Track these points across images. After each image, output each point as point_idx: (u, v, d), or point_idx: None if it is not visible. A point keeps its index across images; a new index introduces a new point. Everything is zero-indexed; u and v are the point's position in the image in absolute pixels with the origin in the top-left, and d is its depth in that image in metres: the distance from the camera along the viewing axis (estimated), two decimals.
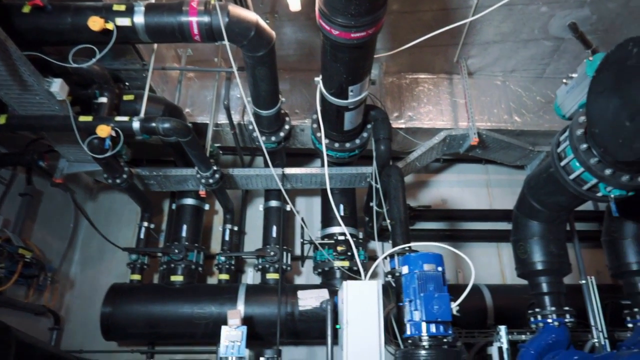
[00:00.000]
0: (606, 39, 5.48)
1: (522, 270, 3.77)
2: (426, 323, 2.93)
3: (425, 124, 5.72)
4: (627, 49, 2.42)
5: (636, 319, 3.63)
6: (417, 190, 6.76)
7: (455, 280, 6.18)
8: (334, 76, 3.89)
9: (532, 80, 6.10)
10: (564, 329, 3.46)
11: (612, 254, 3.85)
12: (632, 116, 2.37)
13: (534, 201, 3.54)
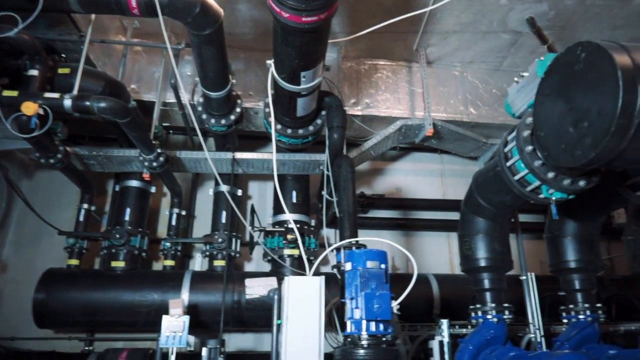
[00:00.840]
0: (562, 36, 5.52)
1: (466, 266, 3.80)
2: (366, 321, 2.88)
3: (382, 112, 5.64)
4: (575, 53, 2.38)
5: (571, 315, 3.75)
6: (373, 177, 6.72)
7: (406, 269, 6.23)
8: (286, 61, 3.70)
9: (489, 73, 6.11)
10: (502, 325, 3.53)
11: (553, 250, 3.94)
12: (575, 122, 2.34)
13: (480, 198, 3.54)
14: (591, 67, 2.25)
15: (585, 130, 2.27)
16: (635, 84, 2.07)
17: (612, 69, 2.10)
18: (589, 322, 3.66)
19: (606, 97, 2.13)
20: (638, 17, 5.21)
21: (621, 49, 2.17)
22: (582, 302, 3.75)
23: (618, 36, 5.52)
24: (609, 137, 2.12)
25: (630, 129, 2.09)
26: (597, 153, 2.21)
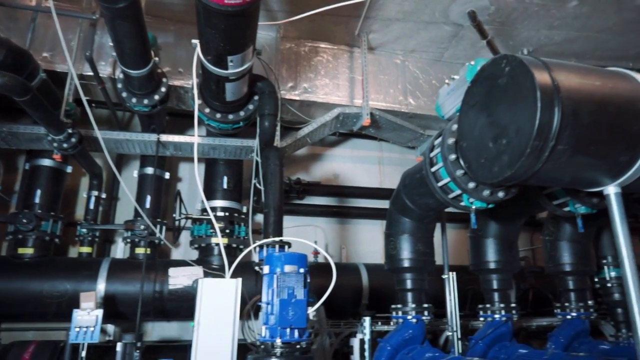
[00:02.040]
0: (502, 32, 5.54)
1: (390, 265, 3.78)
2: (280, 329, 2.78)
3: (320, 97, 5.46)
4: (500, 65, 2.29)
5: (487, 314, 3.86)
6: (311, 163, 6.58)
7: (339, 257, 6.23)
8: (210, 43, 3.42)
9: (430, 63, 6.06)
10: (421, 325, 3.56)
11: (474, 250, 4.00)
12: (495, 138, 2.28)
13: (407, 199, 3.49)
14: (513, 83, 2.18)
15: (504, 148, 2.21)
16: (553, 105, 2.01)
17: (532, 87, 2.04)
18: (503, 321, 3.78)
19: (525, 115, 2.07)
20: (573, 19, 5.29)
21: (543, 66, 2.11)
22: (498, 302, 3.86)
23: (554, 35, 5.62)
24: (524, 158, 2.07)
25: (545, 151, 2.05)
26: (513, 173, 2.17)
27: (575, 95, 2.07)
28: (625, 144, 2.15)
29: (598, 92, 2.13)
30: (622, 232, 2.29)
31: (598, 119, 2.09)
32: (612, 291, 4.29)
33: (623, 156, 2.18)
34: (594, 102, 2.09)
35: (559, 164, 2.13)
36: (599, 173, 2.28)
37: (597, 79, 2.19)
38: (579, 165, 2.20)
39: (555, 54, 6.00)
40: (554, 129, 2.01)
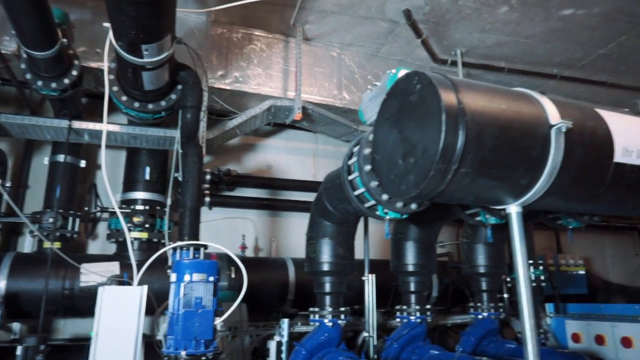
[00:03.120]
0: (436, 32, 5.58)
1: (310, 268, 3.74)
2: (185, 341, 2.66)
3: (252, 88, 5.26)
4: (412, 82, 2.25)
5: (403, 315, 3.94)
6: (243, 153, 6.39)
7: (269, 250, 6.14)
8: (121, 29, 3.15)
9: (366, 58, 6.02)
10: (337, 328, 3.57)
11: (395, 252, 4.06)
12: (405, 155, 2.25)
13: (327, 203, 3.45)
14: (423, 101, 2.15)
15: (411, 167, 2.19)
16: (457, 128, 2.00)
17: (438, 108, 2.01)
18: (418, 322, 3.88)
19: (431, 136, 2.05)
20: (503, 24, 5.42)
21: (451, 87, 2.09)
22: (414, 304, 3.95)
23: (486, 38, 5.74)
24: (427, 180, 2.05)
25: (448, 173, 2.04)
26: (418, 193, 2.15)
27: (480, 118, 2.07)
28: (526, 167, 2.19)
29: (502, 115, 2.14)
30: (519, 248, 2.36)
31: (501, 143, 2.10)
32: None
33: (523, 179, 2.23)
34: (497, 126, 2.10)
35: (462, 185, 2.14)
36: (501, 194, 2.32)
37: (503, 102, 2.20)
38: (481, 187, 2.23)
39: (487, 57, 6.16)
40: (458, 152, 2.00)
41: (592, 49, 6.01)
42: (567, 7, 5.12)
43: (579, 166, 2.31)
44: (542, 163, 2.21)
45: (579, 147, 2.29)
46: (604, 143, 2.39)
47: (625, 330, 4.01)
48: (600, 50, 6.06)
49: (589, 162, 2.35)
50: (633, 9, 5.17)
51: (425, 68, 6.28)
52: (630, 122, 2.56)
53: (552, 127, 2.21)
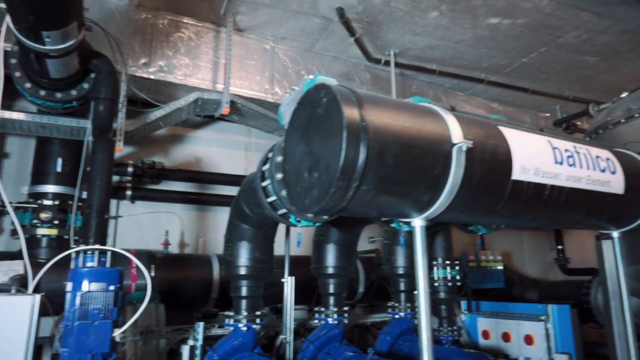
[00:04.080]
0: (370, 31, 5.59)
1: (227, 272, 3.66)
2: (80, 354, 2.50)
3: (178, 78, 5.02)
4: (319, 94, 2.21)
5: (321, 317, 3.97)
6: (171, 145, 6.13)
7: (195, 246, 5.97)
8: (17, 13, 2.86)
9: (301, 52, 5.93)
10: (252, 333, 3.52)
11: (316, 253, 4.06)
12: (310, 169, 2.22)
13: (245, 206, 3.36)
14: (328, 116, 2.11)
15: (315, 181, 2.15)
16: (359, 146, 1.98)
17: (340, 125, 1.98)
18: (335, 324, 3.92)
19: (333, 152, 2.01)
20: (434, 28, 5.52)
21: (355, 103, 2.06)
22: (332, 305, 3.98)
23: (417, 41, 5.83)
24: (328, 197, 2.03)
25: (349, 190, 2.02)
26: (320, 208, 2.13)
27: (383, 136, 2.06)
28: (427, 185, 2.22)
29: (405, 133, 2.14)
30: (421, 261, 2.42)
31: (402, 161, 2.11)
32: (439, 290, 4.69)
33: (425, 196, 2.26)
34: (400, 144, 2.10)
35: (364, 202, 2.13)
36: (404, 209, 2.35)
37: (408, 119, 2.21)
38: (384, 203, 2.24)
39: (419, 58, 6.27)
40: (358, 170, 1.99)
41: (516, 57, 6.29)
42: (493, 16, 5.30)
43: (478, 183, 2.37)
44: (443, 180, 2.25)
45: (479, 165, 2.36)
46: (503, 161, 2.47)
47: (528, 328, 4.28)
48: (523, 59, 6.36)
49: (488, 180, 2.42)
50: (553, 22, 5.45)
51: (359, 66, 6.32)
52: (529, 141, 2.67)
53: (454, 146, 2.25)
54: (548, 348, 4.14)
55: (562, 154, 2.77)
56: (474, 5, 5.05)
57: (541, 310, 4.30)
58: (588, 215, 3.06)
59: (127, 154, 5.62)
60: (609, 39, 5.86)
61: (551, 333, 4.15)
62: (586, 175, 2.86)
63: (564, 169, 2.74)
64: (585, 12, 5.26)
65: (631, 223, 3.39)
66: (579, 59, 6.38)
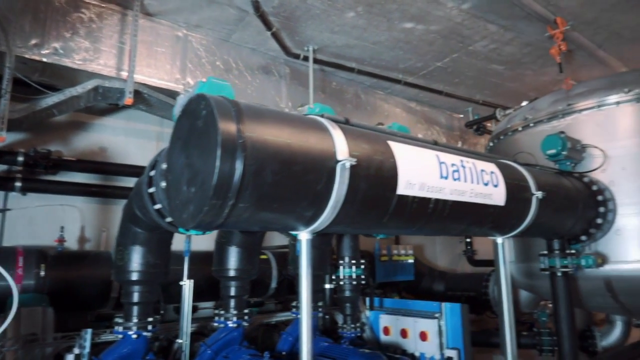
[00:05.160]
0: (288, 26, 5.51)
1: (117, 277, 3.47)
2: None
3: (75, 63, 4.64)
4: (200, 105, 2.11)
5: (221, 320, 3.91)
6: (71, 132, 5.68)
7: (98, 241, 5.63)
8: None
9: (216, 43, 5.72)
10: (143, 340, 3.38)
11: (218, 256, 3.98)
12: (189, 183, 2.12)
13: (136, 208, 3.19)
14: (206, 129, 2.02)
15: (192, 196, 2.06)
16: (234, 164, 1.92)
17: (215, 141, 1.91)
18: (234, 327, 3.88)
19: (209, 169, 1.93)
20: (351, 28, 5.56)
21: (234, 118, 1.98)
22: (233, 308, 3.93)
23: (336, 39, 5.84)
24: (202, 214, 1.95)
25: (224, 208, 1.96)
26: (196, 224, 2.05)
27: (262, 153, 2.01)
28: (309, 201, 2.21)
29: (286, 149, 2.11)
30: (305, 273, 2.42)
31: (282, 178, 2.08)
32: (344, 288, 4.80)
33: (307, 212, 2.26)
34: (280, 161, 2.07)
35: (243, 218, 2.08)
36: (288, 223, 2.33)
37: (291, 134, 2.17)
38: (265, 219, 2.20)
39: (338, 56, 6.30)
40: (234, 189, 1.93)
41: (430, 61, 6.52)
42: (407, 21, 5.42)
43: (363, 198, 2.41)
44: (326, 196, 2.25)
45: (363, 181, 2.39)
46: (389, 177, 2.52)
47: (423, 325, 4.52)
48: (437, 63, 6.61)
49: (373, 195, 2.47)
50: (463, 31, 5.69)
51: (279, 59, 6.23)
52: (417, 156, 2.75)
53: (338, 163, 2.26)
54: (440, 344, 4.40)
55: (448, 169, 2.89)
56: (388, 9, 5.13)
57: (436, 308, 4.55)
58: (471, 225, 3.24)
59: (18, 140, 5.13)
60: (513, 50, 6.24)
61: (444, 330, 4.41)
62: (470, 189, 3.02)
63: (449, 184, 2.87)
64: (492, 24, 5.55)
65: (513, 230, 3.65)
66: (487, 67, 6.75)
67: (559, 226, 4.11)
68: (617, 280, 4.51)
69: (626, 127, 4.70)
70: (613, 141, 4.71)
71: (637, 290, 4.52)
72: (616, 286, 4.55)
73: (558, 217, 4.00)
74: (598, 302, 4.97)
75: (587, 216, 4.33)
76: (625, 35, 5.89)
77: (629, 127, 4.68)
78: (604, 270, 4.45)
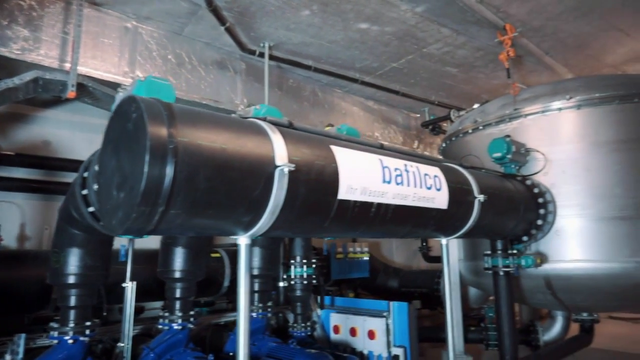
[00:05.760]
0: (242, 22, 5.42)
1: (53, 280, 3.33)
2: None
3: (13, 52, 4.38)
4: (131, 107, 2.03)
5: (165, 323, 3.81)
6: (12, 125, 5.39)
7: (39, 239, 5.38)
8: None
9: (169, 36, 5.55)
10: (80, 345, 3.26)
11: (163, 256, 3.88)
12: (119, 187, 2.04)
13: (72, 208, 3.05)
14: (136, 133, 1.94)
15: (121, 202, 1.99)
16: (164, 170, 1.86)
17: (143, 147, 1.84)
18: (179, 329, 3.80)
19: (138, 174, 1.87)
20: (307, 26, 5.53)
21: (165, 122, 1.92)
22: (178, 310, 3.85)
23: (292, 37, 5.79)
24: (130, 222, 1.89)
25: (154, 215, 1.90)
26: (125, 230, 1.97)
27: (195, 159, 1.96)
28: (246, 207, 2.18)
29: (222, 155, 2.06)
30: (244, 278, 2.39)
31: (217, 184, 2.04)
32: (295, 287, 4.80)
33: (244, 217, 2.22)
34: (214, 167, 2.02)
35: (175, 224, 2.03)
36: (226, 229, 2.29)
37: (228, 139, 2.13)
38: (200, 225, 2.16)
39: (295, 53, 6.26)
40: (164, 195, 1.87)
41: (386, 61, 6.59)
42: (362, 21, 5.44)
43: (302, 204, 2.40)
44: (263, 202, 2.23)
45: (303, 186, 2.38)
46: (330, 181, 2.52)
47: (371, 324, 4.59)
48: (393, 64, 6.68)
49: (313, 200, 2.46)
50: (417, 34, 5.77)
51: (234, 55, 6.12)
52: (360, 161, 2.77)
53: (277, 168, 2.24)
54: (387, 342, 4.49)
55: (391, 173, 2.93)
56: (343, 9, 5.13)
57: (384, 307, 4.63)
58: (415, 228, 3.30)
59: None
60: (466, 53, 6.39)
61: (391, 328, 4.49)
62: (412, 193, 3.06)
63: (392, 188, 2.90)
64: (445, 28, 5.66)
65: (456, 232, 3.74)
66: (442, 69, 6.89)
67: (501, 227, 4.26)
68: (556, 278, 4.73)
69: (567, 132, 4.91)
70: (555, 145, 4.91)
71: (574, 287, 4.75)
72: (555, 284, 4.77)
73: (500, 219, 4.14)
74: (539, 299, 5.20)
75: (529, 218, 4.51)
76: (570, 43, 6.15)
77: (570, 133, 4.90)
78: (544, 269, 4.66)
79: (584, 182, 4.70)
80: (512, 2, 5.12)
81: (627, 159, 4.60)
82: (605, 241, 4.56)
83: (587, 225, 4.61)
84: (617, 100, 4.70)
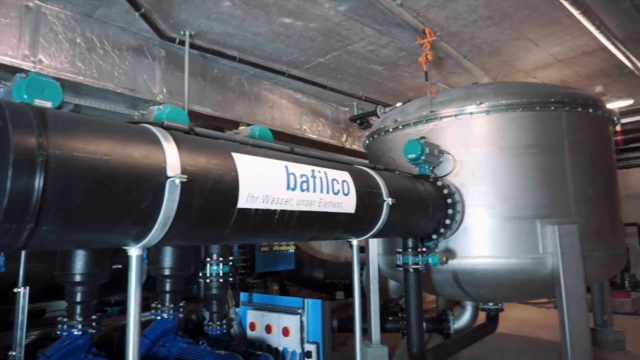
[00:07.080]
0: (160, 8, 5.17)
1: None
2: None
3: None
4: None
5: (64, 329, 3.61)
6: None
7: None
8: None
9: (78, 18, 5.15)
10: None
11: (62, 259, 3.64)
12: None
13: None
14: (2, 141, 1.78)
15: None
16: (32, 184, 1.73)
17: (7, 159, 1.70)
18: (79, 335, 3.62)
19: (1, 190, 1.72)
20: (229, 17, 5.38)
21: (34, 130, 1.78)
22: (79, 315, 3.65)
23: (214, 27, 5.60)
24: None
25: (22, 232, 1.77)
26: None
27: (70, 172, 1.83)
28: (132, 220, 2.09)
29: (103, 166, 1.94)
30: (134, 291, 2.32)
31: (97, 198, 1.93)
32: (211, 285, 4.71)
33: (132, 230, 2.13)
34: (94, 180, 1.91)
35: (50, 240, 1.90)
36: (113, 241, 2.19)
37: (112, 148, 2.01)
38: (81, 239, 2.05)
39: (218, 43, 6.07)
40: (32, 211, 1.74)
41: (313, 56, 6.57)
42: (285, 16, 5.37)
43: (198, 214, 2.34)
44: (153, 214, 2.15)
45: (198, 196, 2.32)
46: (228, 190, 2.48)
47: (286, 321, 4.63)
48: (320, 59, 6.68)
49: (210, 210, 2.41)
50: (341, 32, 5.80)
51: (153, 41, 5.82)
52: (263, 168, 2.74)
53: (168, 179, 2.16)
54: (301, 338, 4.56)
55: (296, 180, 2.93)
56: (265, 2, 5.03)
57: (299, 304, 4.69)
58: (322, 232, 3.35)
59: None
60: (390, 53, 6.52)
61: (305, 325, 4.56)
62: (319, 199, 3.10)
63: (296, 195, 2.91)
64: (368, 28, 5.73)
65: (366, 234, 3.85)
66: (367, 66, 6.99)
67: (411, 227, 4.43)
68: (462, 272, 5.03)
69: (477, 135, 5.18)
70: (466, 148, 5.17)
71: (478, 281, 5.08)
72: (462, 278, 5.07)
73: (409, 220, 4.31)
74: (448, 291, 5.52)
75: (438, 217, 4.73)
76: (485, 49, 6.47)
77: (480, 136, 5.18)
78: (452, 265, 4.94)
79: (490, 183, 5.00)
80: (430, 7, 5.27)
81: (528, 163, 4.95)
82: (507, 239, 4.90)
83: (492, 224, 4.93)
84: (521, 108, 5.02)
